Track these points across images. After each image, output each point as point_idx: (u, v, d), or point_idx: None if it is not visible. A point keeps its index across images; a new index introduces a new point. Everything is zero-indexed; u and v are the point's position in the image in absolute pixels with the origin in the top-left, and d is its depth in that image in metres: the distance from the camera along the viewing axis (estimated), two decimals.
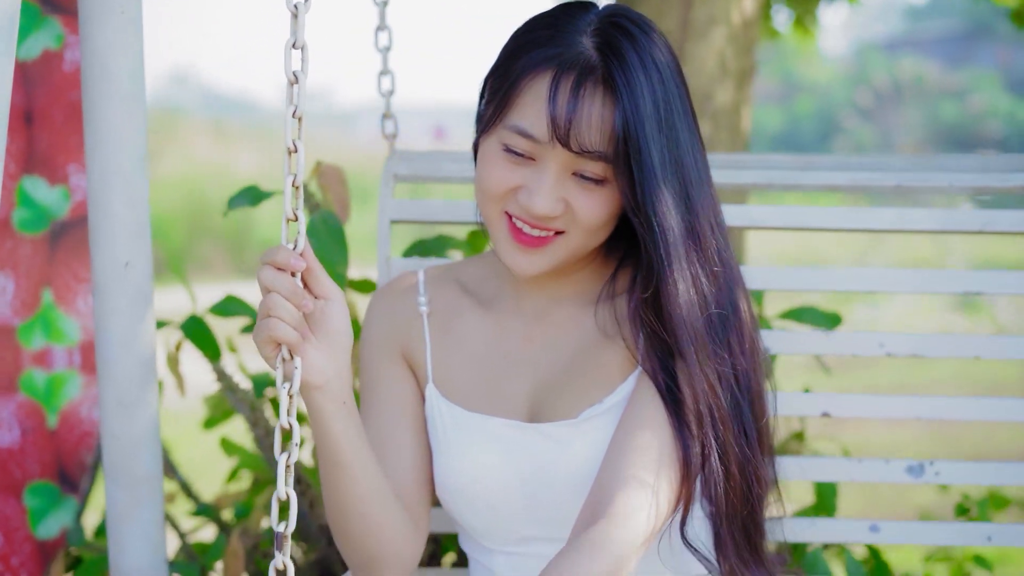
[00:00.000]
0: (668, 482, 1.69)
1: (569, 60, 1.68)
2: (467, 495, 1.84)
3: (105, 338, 1.87)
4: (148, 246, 1.85)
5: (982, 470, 2.22)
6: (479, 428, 1.84)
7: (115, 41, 1.77)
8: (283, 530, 1.46)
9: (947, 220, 2.20)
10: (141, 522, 1.93)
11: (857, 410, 2.24)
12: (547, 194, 1.70)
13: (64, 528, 2.77)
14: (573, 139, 1.67)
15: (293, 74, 1.47)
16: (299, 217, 1.49)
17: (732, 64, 3.07)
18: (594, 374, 1.82)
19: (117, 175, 1.81)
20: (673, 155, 1.70)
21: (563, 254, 1.77)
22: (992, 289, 2.19)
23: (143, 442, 1.91)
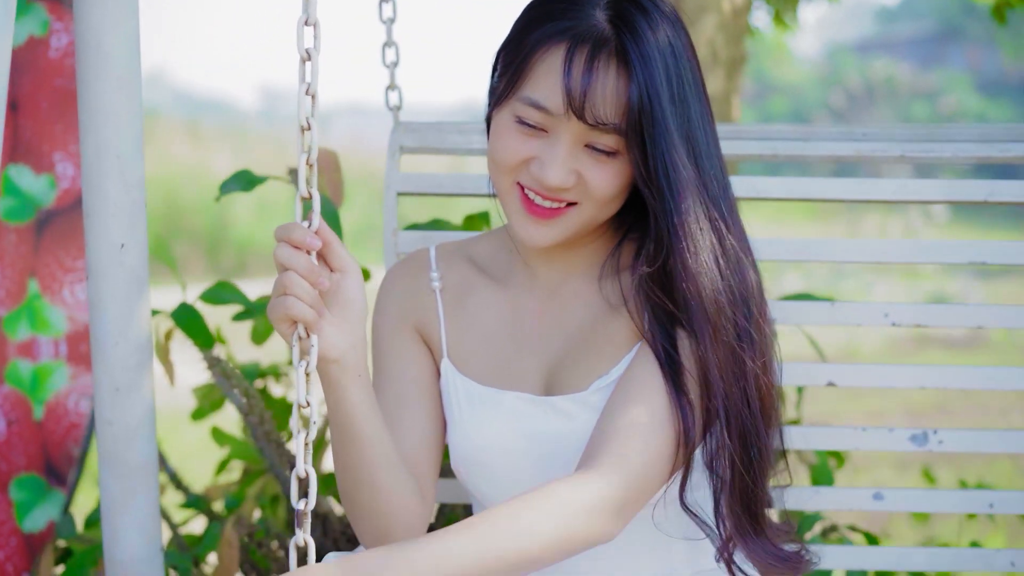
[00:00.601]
0: (657, 446, 1.70)
1: (583, 33, 1.69)
2: (481, 466, 1.87)
3: (100, 322, 1.84)
4: (143, 228, 1.83)
5: (985, 438, 2.22)
6: (493, 402, 1.86)
7: (110, 20, 1.74)
8: (303, 507, 1.47)
9: (952, 190, 2.21)
10: (136, 511, 1.90)
11: (862, 380, 2.24)
12: (560, 166, 1.71)
13: (51, 521, 2.74)
14: (588, 111, 1.68)
15: (306, 51, 1.46)
16: (313, 195, 1.49)
17: (723, 52, 3.06)
18: (602, 347, 1.84)
19: (112, 156, 1.78)
20: (685, 128, 1.71)
21: (575, 226, 1.78)
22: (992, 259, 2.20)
23: (138, 429, 1.88)
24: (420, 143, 2.27)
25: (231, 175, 2.31)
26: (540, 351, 1.88)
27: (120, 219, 1.79)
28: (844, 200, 2.23)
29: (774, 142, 2.24)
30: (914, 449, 2.20)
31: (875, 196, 2.22)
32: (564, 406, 1.83)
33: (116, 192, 1.79)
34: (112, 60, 1.76)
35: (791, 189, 2.23)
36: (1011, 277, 12.38)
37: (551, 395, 1.85)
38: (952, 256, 2.20)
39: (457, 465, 1.91)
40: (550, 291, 1.90)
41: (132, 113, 1.79)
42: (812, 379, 2.23)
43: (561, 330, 1.88)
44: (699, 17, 3.02)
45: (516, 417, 1.85)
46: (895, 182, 2.20)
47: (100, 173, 1.78)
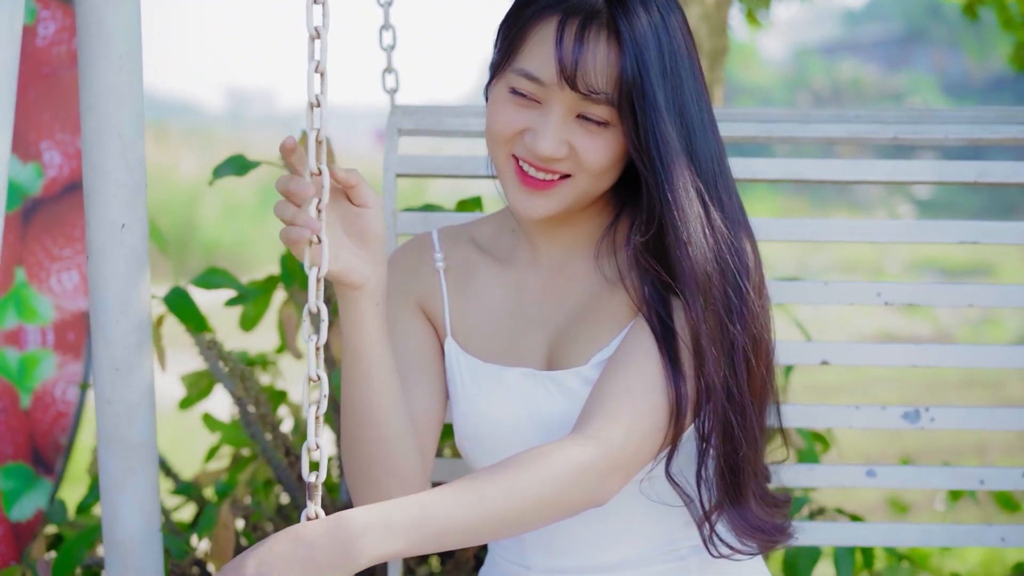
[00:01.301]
0: (649, 413, 1.73)
1: (575, 6, 1.74)
2: (486, 442, 1.90)
3: (100, 302, 1.84)
4: (144, 208, 1.83)
5: (976, 415, 2.24)
6: (496, 378, 1.89)
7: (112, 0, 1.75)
8: (314, 480, 1.50)
9: (943, 172, 2.23)
10: (135, 490, 1.90)
11: (856, 358, 2.26)
12: (552, 135, 1.75)
13: (39, 510, 2.74)
14: (580, 80, 1.72)
15: (315, 29, 1.48)
16: (323, 171, 1.54)
17: (706, 43, 3.09)
18: (601, 322, 1.87)
19: (114, 135, 1.78)
20: (677, 101, 1.75)
21: (569, 198, 1.81)
22: (928, 301, 2.24)
23: (138, 408, 1.88)
24: (417, 125, 2.29)
25: (225, 159, 2.31)
26: (543, 328, 1.91)
27: (121, 199, 1.80)
28: (837, 181, 2.25)
29: (768, 124, 2.26)
30: (907, 427, 2.22)
31: (868, 177, 2.24)
32: (566, 380, 1.86)
33: (118, 171, 1.79)
34: (113, 39, 1.76)
35: (784, 170, 2.26)
36: (974, 277, 12.50)
37: (553, 370, 1.88)
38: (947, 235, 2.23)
39: (462, 441, 1.94)
40: (552, 269, 1.93)
41: (133, 93, 1.79)
42: (806, 358, 2.26)
43: (563, 307, 1.91)
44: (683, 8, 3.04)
45: (519, 392, 1.88)
46: (888, 163, 2.23)
47: (101, 152, 1.78)
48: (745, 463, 1.80)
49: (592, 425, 1.70)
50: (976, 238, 2.20)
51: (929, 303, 2.22)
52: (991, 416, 2.24)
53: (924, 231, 2.23)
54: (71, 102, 2.77)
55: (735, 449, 1.78)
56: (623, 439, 1.69)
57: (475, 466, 1.95)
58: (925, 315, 10.33)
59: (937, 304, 2.22)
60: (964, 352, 2.26)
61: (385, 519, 1.53)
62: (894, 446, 6.24)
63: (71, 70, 2.76)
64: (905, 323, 10.20)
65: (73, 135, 2.77)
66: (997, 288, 2.23)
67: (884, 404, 2.25)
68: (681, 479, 1.80)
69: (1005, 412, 2.24)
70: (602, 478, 1.67)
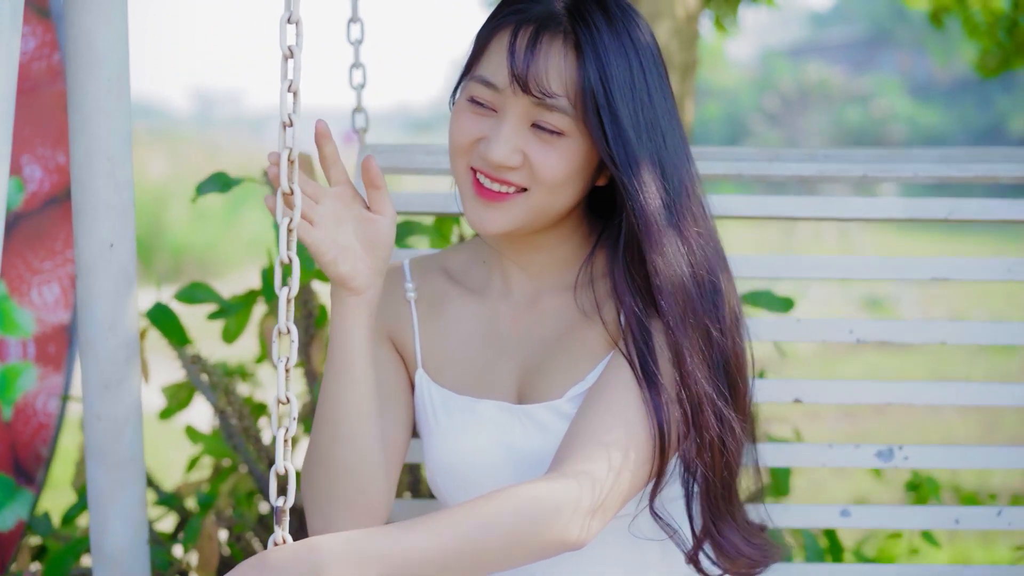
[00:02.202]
0: (629, 450, 1.69)
1: (535, 14, 1.74)
2: (458, 477, 1.86)
3: (89, 319, 1.88)
4: (132, 227, 1.87)
5: (950, 454, 2.26)
6: (468, 410, 1.86)
7: (100, 22, 1.78)
8: (282, 504, 1.48)
9: (914, 208, 2.25)
10: (124, 503, 1.94)
11: (829, 396, 2.26)
12: (504, 142, 1.73)
13: (20, 520, 2.76)
14: (532, 82, 1.70)
15: (288, 48, 1.50)
16: (295, 191, 1.54)
17: (676, 57, 3.14)
18: (577, 355, 1.84)
19: (102, 157, 1.82)
20: (647, 118, 1.74)
21: (524, 213, 1.78)
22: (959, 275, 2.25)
23: (126, 422, 1.92)
24: (388, 164, 2.27)
25: (208, 177, 2.35)
26: (515, 359, 1.88)
27: (110, 218, 1.84)
28: (809, 218, 2.28)
29: (739, 163, 2.27)
30: (880, 466, 2.23)
31: (839, 214, 2.26)
32: (539, 415, 1.82)
33: (106, 192, 1.83)
34: (102, 62, 1.79)
35: (758, 207, 2.26)
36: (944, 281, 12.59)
37: (526, 403, 1.85)
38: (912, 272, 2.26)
39: (434, 477, 1.90)
40: (525, 300, 1.90)
41: (122, 114, 1.83)
42: (779, 395, 2.26)
43: (536, 338, 1.88)
44: (653, 23, 3.09)
45: (493, 425, 1.85)
46: (859, 200, 2.24)
47: (91, 173, 1.82)
48: (733, 482, 1.79)
49: (570, 463, 1.66)
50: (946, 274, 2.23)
51: (900, 341, 2.23)
52: (965, 455, 2.26)
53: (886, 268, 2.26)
54: (51, 117, 2.79)
55: (727, 466, 1.77)
56: (602, 477, 1.66)
57: (448, 502, 1.91)
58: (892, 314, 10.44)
59: (907, 342, 2.23)
60: (935, 390, 2.26)
61: (356, 548, 1.50)
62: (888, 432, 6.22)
63: (51, 85, 2.79)
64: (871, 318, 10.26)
65: (54, 150, 2.79)
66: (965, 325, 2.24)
67: (857, 443, 2.25)
68: (663, 512, 1.77)
69: (981, 450, 2.26)
70: (581, 519, 1.63)
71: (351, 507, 1.76)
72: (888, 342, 2.22)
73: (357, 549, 1.50)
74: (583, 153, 1.75)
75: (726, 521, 1.81)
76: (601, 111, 1.71)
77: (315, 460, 1.77)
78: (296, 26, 1.50)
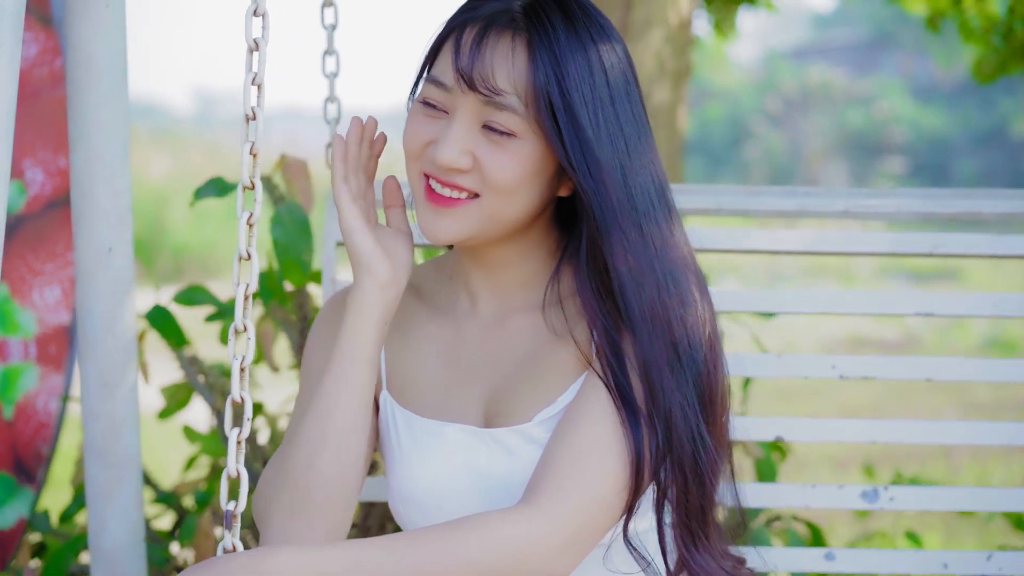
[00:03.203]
0: (604, 477, 1.63)
1: (485, 12, 1.69)
2: (422, 503, 1.78)
3: (88, 321, 1.93)
4: (130, 232, 1.92)
5: (936, 495, 2.26)
6: (434, 434, 1.79)
7: (99, 33, 1.83)
8: (233, 509, 1.46)
9: (897, 243, 2.23)
10: (121, 501, 1.99)
11: (811, 434, 2.25)
12: (453, 142, 1.66)
13: (21, 518, 2.81)
14: (477, 78, 1.65)
15: (254, 41, 1.50)
16: (256, 185, 1.54)
17: (669, 64, 3.18)
18: (547, 376, 1.76)
19: (101, 164, 1.87)
20: (608, 123, 1.67)
21: (476, 221, 1.70)
22: (901, 309, 2.24)
23: (123, 422, 1.98)
24: None
25: (206, 182, 2.39)
26: (483, 381, 1.80)
27: (108, 224, 1.89)
28: (790, 252, 2.26)
29: (718, 196, 2.25)
30: (865, 507, 2.22)
31: (822, 248, 2.25)
32: (507, 439, 1.75)
33: (105, 198, 1.88)
34: (101, 73, 1.85)
35: (738, 241, 2.24)
36: (944, 282, 12.64)
37: (494, 427, 1.77)
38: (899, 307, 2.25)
39: (396, 504, 1.82)
40: (493, 319, 1.82)
41: (120, 123, 1.88)
42: (761, 434, 2.26)
43: (505, 359, 1.80)
44: (646, 30, 3.14)
45: (459, 450, 1.77)
46: (843, 234, 2.23)
47: (90, 180, 1.87)
48: (708, 508, 1.72)
49: (543, 496, 1.60)
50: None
51: (885, 376, 2.21)
52: (952, 496, 2.25)
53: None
54: (53, 121, 2.84)
55: (700, 488, 1.69)
56: (577, 509, 1.60)
57: (412, 527, 1.82)
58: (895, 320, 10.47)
59: (892, 377, 2.21)
60: (918, 428, 2.24)
61: (311, 562, 1.47)
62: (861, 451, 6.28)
63: (53, 91, 2.84)
64: (875, 327, 10.34)
65: (55, 153, 2.84)
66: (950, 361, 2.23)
67: (841, 483, 2.23)
68: (638, 543, 1.70)
69: (968, 492, 2.26)
70: (553, 555, 1.58)
71: (314, 525, 1.69)
72: (870, 377, 2.20)
73: (311, 563, 1.47)
74: (537, 156, 1.68)
75: (702, 552, 1.73)
76: (556, 111, 1.64)
77: (290, 469, 1.69)
78: (262, 19, 1.50)
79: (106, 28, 1.83)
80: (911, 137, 24.43)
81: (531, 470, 1.71)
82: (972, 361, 2.23)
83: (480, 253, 1.79)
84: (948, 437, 2.25)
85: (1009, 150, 23.60)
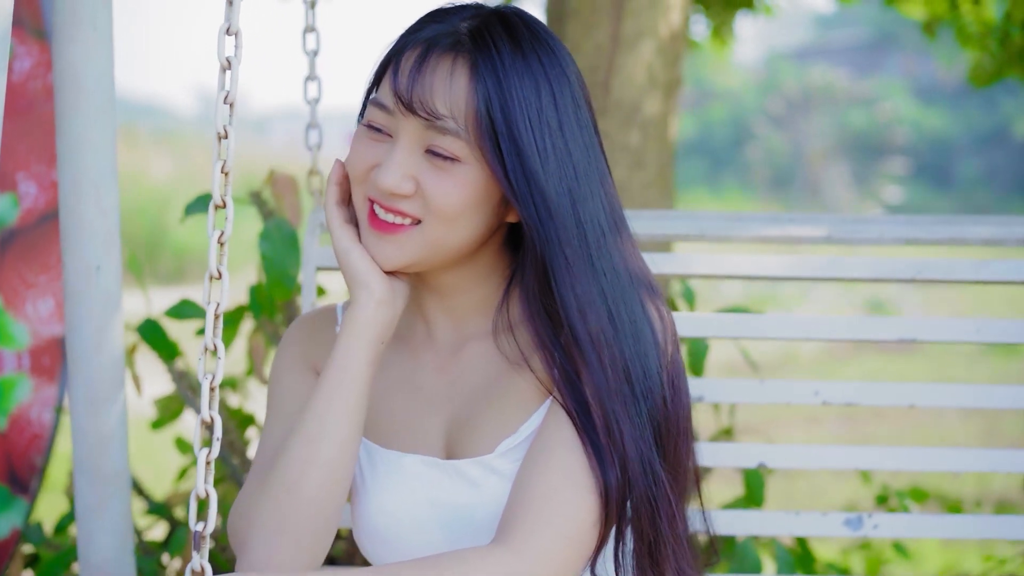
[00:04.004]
0: (579, 516, 1.61)
1: (428, 34, 1.65)
2: (386, 538, 1.75)
3: (76, 339, 1.95)
4: (118, 251, 1.94)
5: (919, 523, 2.26)
6: (395, 465, 1.76)
7: (87, 56, 1.85)
8: (201, 530, 1.43)
9: (880, 268, 2.23)
10: (110, 516, 2.02)
11: (794, 461, 2.25)
12: (395, 167, 1.62)
13: (15, 528, 2.83)
14: (416, 101, 1.61)
15: (226, 60, 1.49)
16: (227, 204, 1.51)
17: (660, 76, 3.20)
18: (507, 405, 1.73)
19: (89, 184, 1.90)
20: (556, 149, 1.63)
21: (419, 248, 1.66)
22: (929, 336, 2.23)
23: (112, 438, 2.00)
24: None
25: (195, 198, 2.41)
26: (442, 410, 1.77)
27: (96, 243, 1.91)
28: (773, 278, 2.26)
29: (700, 222, 2.26)
30: (848, 534, 2.22)
31: (804, 273, 2.25)
32: (469, 471, 1.71)
33: (93, 218, 1.90)
34: (89, 93, 1.87)
35: (719, 266, 2.24)
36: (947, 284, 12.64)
37: (455, 458, 1.74)
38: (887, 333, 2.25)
39: (359, 537, 1.80)
40: (449, 347, 1.79)
41: (107, 143, 1.90)
42: (743, 460, 2.27)
43: (464, 388, 1.77)
44: (637, 42, 3.15)
45: (420, 483, 1.74)
46: (824, 259, 2.23)
47: (77, 199, 1.89)
48: (661, 543, 1.68)
49: (517, 536, 1.58)
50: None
51: (867, 403, 2.21)
52: (935, 524, 2.25)
53: None
54: (47, 135, 2.86)
55: (652, 525, 1.66)
56: (551, 550, 1.58)
57: (377, 559, 1.80)
58: None
59: (874, 404, 2.21)
60: (903, 455, 2.25)
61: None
62: None
63: (47, 104, 2.86)
64: None
65: (48, 167, 2.86)
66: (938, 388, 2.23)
67: (824, 511, 2.23)
68: (602, 570, 1.67)
69: (950, 519, 2.26)
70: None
71: (298, 546, 1.65)
72: (852, 403, 2.20)
73: None
74: (481, 182, 1.64)
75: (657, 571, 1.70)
76: (499, 137, 1.60)
77: (274, 490, 1.65)
78: (235, 37, 1.49)
79: (93, 49, 1.85)
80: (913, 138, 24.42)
81: (495, 503, 1.69)
82: (956, 387, 2.23)
83: (431, 280, 1.75)
84: (934, 464, 2.24)
85: (1011, 151, 23.60)
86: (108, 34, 1.87)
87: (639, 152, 3.18)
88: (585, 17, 3.17)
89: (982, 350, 8.68)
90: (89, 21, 1.84)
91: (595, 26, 3.16)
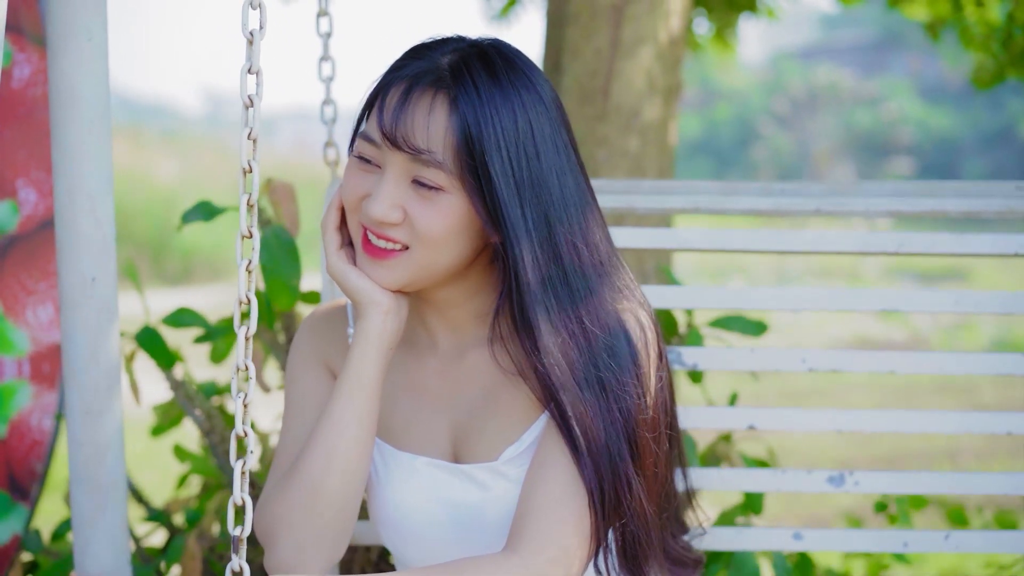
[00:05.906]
0: (581, 522, 1.71)
1: (411, 70, 1.73)
2: (399, 530, 1.88)
3: (72, 349, 1.96)
4: (113, 262, 1.95)
5: (900, 479, 2.34)
6: (407, 466, 1.88)
7: (82, 67, 1.86)
8: (239, 534, 1.54)
9: (864, 242, 2.30)
10: (106, 526, 2.02)
11: (782, 423, 2.35)
12: (383, 198, 1.72)
13: (16, 535, 2.83)
14: (400, 138, 1.70)
15: (248, 98, 1.55)
16: (254, 234, 1.57)
17: (660, 81, 3.19)
18: (508, 413, 1.84)
19: (84, 195, 1.90)
20: (533, 178, 1.72)
21: (409, 272, 1.77)
22: (907, 307, 2.31)
23: (108, 449, 2.00)
24: None
25: (193, 205, 2.41)
26: (447, 415, 1.88)
27: (91, 254, 1.91)
28: (762, 251, 2.33)
29: (695, 196, 2.33)
30: (831, 490, 2.33)
31: (793, 247, 2.31)
32: (478, 475, 1.83)
33: (88, 229, 1.90)
34: (83, 105, 1.87)
35: (713, 240, 2.31)
36: (952, 283, 12.65)
37: (461, 461, 1.86)
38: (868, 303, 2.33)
39: (377, 525, 1.93)
40: (451, 354, 1.89)
41: (102, 154, 1.90)
42: (733, 423, 2.35)
43: (466, 395, 1.87)
44: (636, 48, 3.15)
45: (431, 484, 1.86)
46: (814, 233, 2.30)
47: (73, 211, 1.90)
48: (637, 547, 1.78)
49: (528, 546, 1.68)
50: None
51: (851, 369, 2.31)
52: (916, 480, 2.34)
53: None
54: (46, 142, 2.86)
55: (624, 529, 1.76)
56: (554, 559, 1.68)
57: (393, 548, 1.94)
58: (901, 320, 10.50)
59: (856, 369, 2.31)
60: (885, 417, 2.34)
61: None
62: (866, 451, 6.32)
63: (46, 111, 2.86)
64: (882, 328, 10.36)
65: (48, 174, 2.86)
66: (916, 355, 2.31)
67: (809, 468, 2.35)
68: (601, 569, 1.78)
69: (931, 476, 2.34)
70: None
71: (321, 538, 1.78)
72: (838, 370, 2.30)
73: None
74: (464, 210, 1.73)
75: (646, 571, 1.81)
76: (478, 168, 1.70)
77: (297, 492, 1.78)
78: (259, 11, 1.53)
79: (88, 61, 1.86)
80: (919, 137, 24.42)
81: (504, 502, 1.82)
82: (939, 355, 2.32)
83: (426, 295, 1.85)
84: (914, 425, 2.34)
85: (1017, 150, 23.58)
86: (103, 44, 1.88)
87: (639, 157, 3.17)
88: (585, 22, 3.16)
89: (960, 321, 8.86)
90: (84, 31, 1.85)
91: (595, 31, 3.15)
